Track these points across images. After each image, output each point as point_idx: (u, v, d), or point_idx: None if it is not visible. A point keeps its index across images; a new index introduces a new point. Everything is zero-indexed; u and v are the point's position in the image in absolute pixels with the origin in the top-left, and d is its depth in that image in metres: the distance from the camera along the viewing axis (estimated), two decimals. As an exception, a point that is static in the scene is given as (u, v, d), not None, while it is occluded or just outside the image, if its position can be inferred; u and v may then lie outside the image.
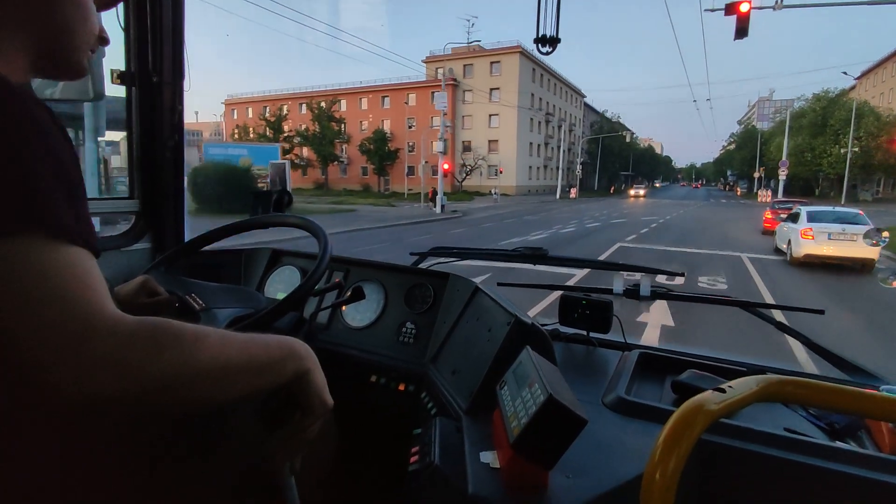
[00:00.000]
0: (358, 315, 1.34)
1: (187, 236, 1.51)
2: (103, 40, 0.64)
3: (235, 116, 55.73)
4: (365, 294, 1.16)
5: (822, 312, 1.32)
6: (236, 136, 45.61)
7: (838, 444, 0.82)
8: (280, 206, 1.46)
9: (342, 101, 51.17)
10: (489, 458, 0.72)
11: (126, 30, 1.37)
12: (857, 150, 34.87)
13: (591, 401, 0.96)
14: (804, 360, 3.71)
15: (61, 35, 0.56)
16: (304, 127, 44.76)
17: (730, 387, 0.55)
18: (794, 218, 10.69)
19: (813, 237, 9.45)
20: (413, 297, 1.31)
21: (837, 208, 11.13)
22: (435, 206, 22.89)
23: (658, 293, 1.37)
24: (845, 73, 38.93)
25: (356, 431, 1.21)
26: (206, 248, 1.26)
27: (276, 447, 0.70)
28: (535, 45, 1.46)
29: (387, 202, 30.32)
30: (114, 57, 1.41)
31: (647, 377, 1.11)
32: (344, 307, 1.34)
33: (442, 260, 1.63)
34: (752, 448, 0.77)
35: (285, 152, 44.60)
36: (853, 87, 46.68)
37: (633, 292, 1.39)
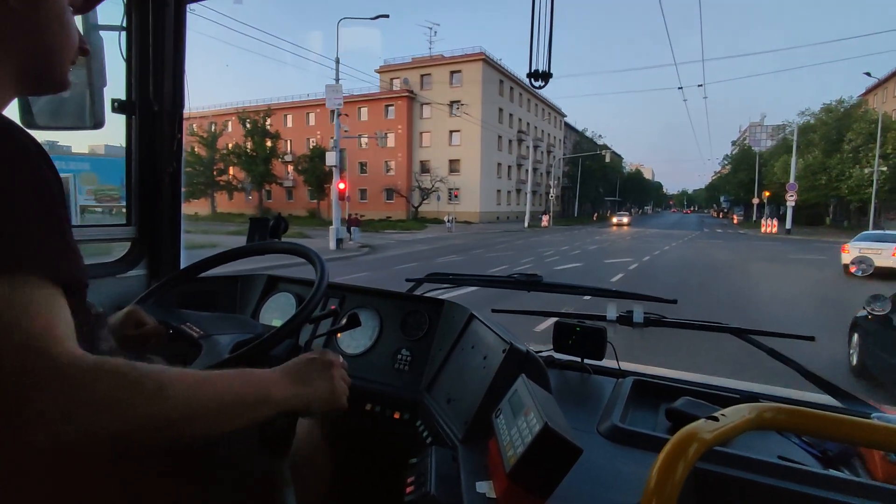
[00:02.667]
0: (353, 342, 1.34)
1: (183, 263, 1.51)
2: (84, 51, 0.62)
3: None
4: (360, 321, 1.10)
5: (812, 339, 1.31)
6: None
7: (832, 472, 0.83)
8: (277, 233, 1.40)
9: (288, 116, 45.26)
10: (485, 487, 0.71)
11: (128, 60, 1.39)
12: (884, 169, 27.94)
13: (586, 429, 0.96)
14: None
15: (47, 53, 0.56)
16: (247, 145, 38.53)
17: (723, 415, 0.55)
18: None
19: (848, 252, 12.62)
20: (408, 324, 1.32)
21: (888, 231, 14.54)
22: (351, 238, 18.86)
23: (651, 320, 1.38)
24: (868, 73, 32.46)
25: (352, 460, 1.22)
26: (202, 274, 1.25)
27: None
28: (528, 80, 1.41)
29: (300, 233, 24.08)
30: (114, 86, 1.35)
31: (641, 404, 1.12)
32: (339, 334, 1.34)
33: (438, 286, 1.62)
34: (747, 476, 0.77)
35: (220, 173, 38.50)
36: (860, 104, 40.57)
37: (626, 319, 1.39)
